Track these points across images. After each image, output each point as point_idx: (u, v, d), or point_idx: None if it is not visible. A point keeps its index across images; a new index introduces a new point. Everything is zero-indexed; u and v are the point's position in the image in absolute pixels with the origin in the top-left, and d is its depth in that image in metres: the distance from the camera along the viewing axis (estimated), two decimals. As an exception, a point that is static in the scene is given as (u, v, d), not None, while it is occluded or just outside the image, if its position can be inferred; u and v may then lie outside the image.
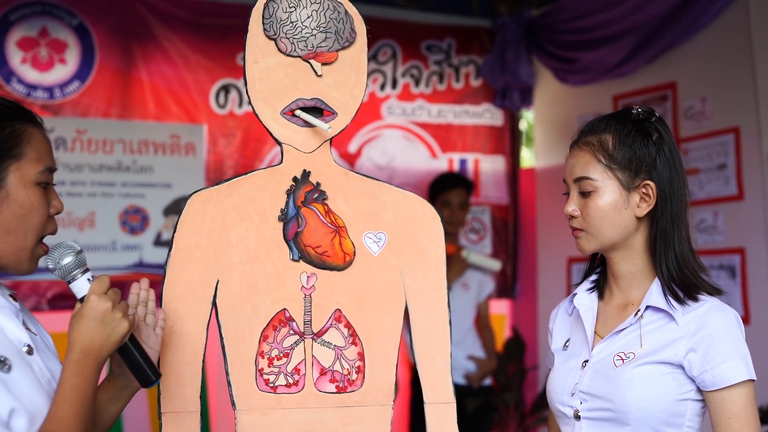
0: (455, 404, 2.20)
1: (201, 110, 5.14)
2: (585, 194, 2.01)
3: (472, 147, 5.88)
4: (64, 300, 4.62)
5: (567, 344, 2.14)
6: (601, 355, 2.01)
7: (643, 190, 1.99)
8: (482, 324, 5.14)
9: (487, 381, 5.12)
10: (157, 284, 4.89)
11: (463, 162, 5.84)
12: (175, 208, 5.05)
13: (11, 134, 1.68)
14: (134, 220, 4.99)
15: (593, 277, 2.16)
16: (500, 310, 5.87)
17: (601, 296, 2.12)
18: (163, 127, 5.05)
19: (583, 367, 2.03)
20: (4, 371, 1.61)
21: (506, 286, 5.96)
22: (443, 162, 5.77)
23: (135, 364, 1.79)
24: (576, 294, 2.15)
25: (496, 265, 5.26)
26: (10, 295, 1.79)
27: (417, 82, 5.70)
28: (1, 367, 1.61)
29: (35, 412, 1.61)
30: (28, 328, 1.76)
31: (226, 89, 5.19)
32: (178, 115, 5.09)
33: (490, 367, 5.03)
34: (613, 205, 1.99)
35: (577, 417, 2.00)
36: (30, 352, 1.70)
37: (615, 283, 2.08)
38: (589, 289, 2.14)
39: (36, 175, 1.70)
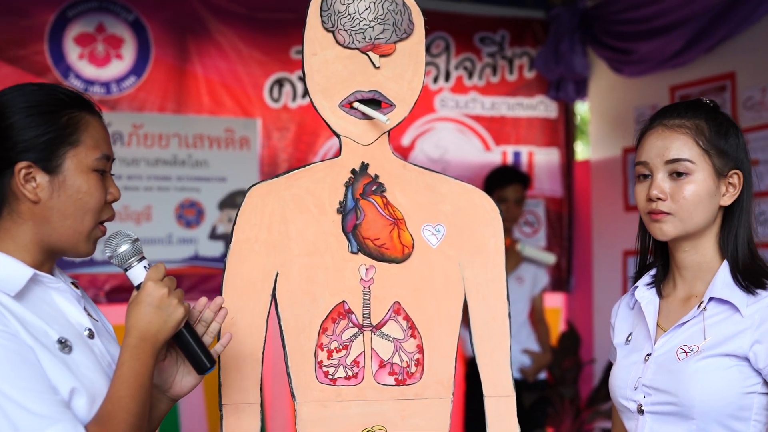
0: (515, 397, 2.19)
1: (255, 104, 5.17)
2: (677, 177, 1.97)
3: (526, 139, 5.84)
4: (122, 293, 4.67)
5: (629, 338, 2.11)
6: (663, 349, 1.98)
7: (731, 180, 1.97)
8: (537, 318, 5.11)
9: (542, 375, 5.09)
10: (211, 278, 4.96)
11: (516, 154, 5.80)
12: (230, 201, 5.09)
13: (69, 121, 1.70)
14: (190, 214, 5.03)
15: (654, 271, 2.13)
16: (555, 303, 5.83)
17: (662, 289, 2.09)
18: (217, 121, 5.08)
19: (646, 360, 2.00)
20: (65, 352, 1.64)
21: (561, 279, 5.91)
22: (497, 155, 5.74)
23: (190, 350, 1.81)
24: (637, 287, 2.12)
25: (550, 258, 5.22)
26: (72, 283, 1.82)
27: (470, 75, 5.67)
28: (62, 348, 1.64)
29: (95, 392, 1.65)
30: (89, 314, 1.79)
31: (279, 83, 5.21)
32: (232, 109, 5.12)
33: (545, 361, 4.99)
34: (707, 191, 1.95)
35: (641, 411, 1.98)
36: (91, 335, 1.74)
37: (679, 274, 2.05)
38: (649, 283, 2.12)
39: (93, 162, 1.72)
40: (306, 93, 4.72)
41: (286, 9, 5.15)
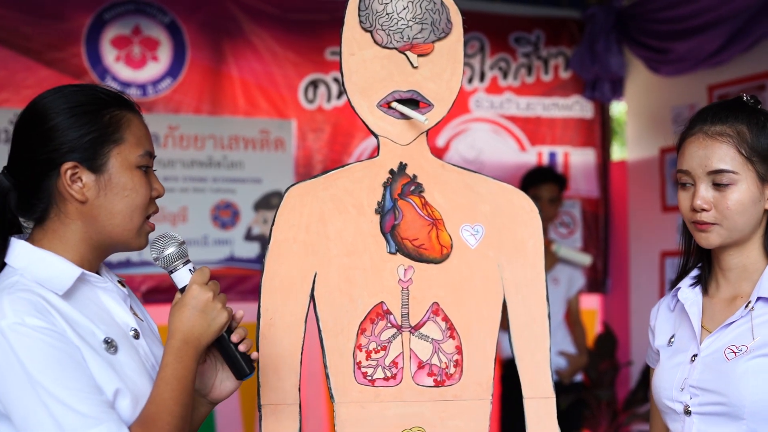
0: (555, 399, 2.17)
1: (290, 105, 5.18)
2: (719, 186, 1.94)
3: (562, 140, 5.80)
4: (158, 294, 4.69)
5: (672, 340, 2.08)
6: (710, 349, 1.95)
7: None
8: (573, 319, 5.07)
9: (578, 377, 5.06)
10: (246, 279, 4.96)
11: (552, 155, 5.77)
12: (265, 203, 5.10)
13: (111, 120, 1.71)
14: (225, 215, 5.05)
15: (695, 272, 2.10)
16: (591, 305, 5.79)
17: (705, 290, 2.06)
18: (252, 122, 5.10)
19: (692, 361, 1.98)
20: (110, 352, 1.65)
21: (597, 280, 5.87)
22: (532, 155, 5.71)
23: (230, 356, 1.81)
24: (679, 288, 2.10)
25: (586, 259, 5.18)
26: (118, 281, 1.84)
27: (505, 75, 5.65)
28: (107, 348, 1.65)
29: (139, 393, 1.66)
30: (135, 314, 1.81)
31: (314, 84, 5.21)
32: (267, 111, 5.13)
33: (581, 363, 4.96)
34: (751, 199, 1.93)
35: (688, 412, 1.95)
36: (136, 336, 1.75)
37: (722, 275, 2.03)
38: (692, 284, 2.09)
39: (136, 159, 1.73)
40: (344, 93, 4.72)
41: (320, 10, 5.16)
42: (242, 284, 5.00)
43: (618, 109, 6.38)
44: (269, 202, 5.10)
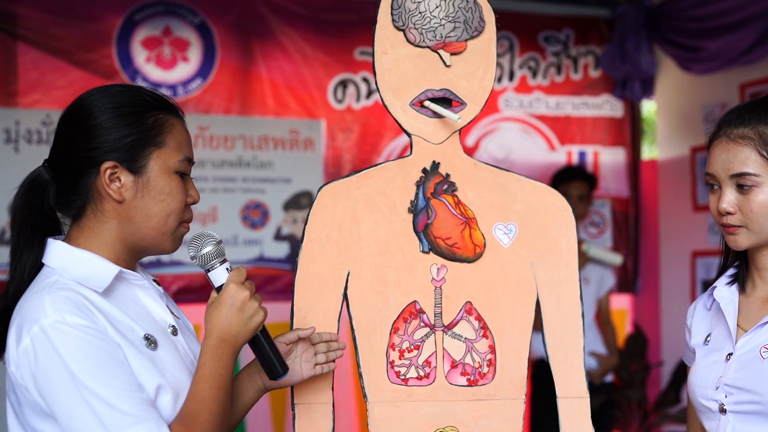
0: (589, 399, 2.16)
1: (319, 105, 5.18)
2: (743, 189, 1.93)
3: (591, 139, 5.77)
4: (188, 293, 4.71)
5: (708, 339, 2.07)
6: (746, 348, 1.94)
7: None
8: (603, 319, 5.04)
9: (609, 378, 5.03)
10: (276, 278, 4.97)
11: (582, 154, 5.74)
12: (295, 203, 5.11)
13: (154, 123, 1.72)
14: (255, 215, 5.06)
15: (732, 271, 2.09)
16: (621, 305, 5.75)
17: (742, 289, 2.05)
18: (282, 122, 5.11)
19: (727, 360, 1.96)
20: (150, 349, 1.66)
21: (627, 280, 5.83)
22: (562, 155, 5.69)
23: (264, 356, 1.81)
24: (715, 287, 2.08)
25: (617, 258, 5.15)
26: (153, 280, 1.85)
27: (534, 74, 5.63)
28: (147, 344, 1.66)
29: (180, 389, 1.67)
30: (171, 312, 1.82)
31: (343, 84, 5.21)
32: (296, 111, 5.14)
33: (611, 364, 4.93)
34: None
35: (723, 411, 1.94)
36: (174, 332, 1.77)
37: (758, 275, 2.01)
38: (728, 283, 2.07)
39: (176, 164, 1.74)
40: (376, 92, 4.68)
41: (349, 10, 5.16)
42: (272, 284, 5.01)
43: (647, 108, 6.33)
44: (299, 202, 5.11)
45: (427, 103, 2.13)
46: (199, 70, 4.97)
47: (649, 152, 6.24)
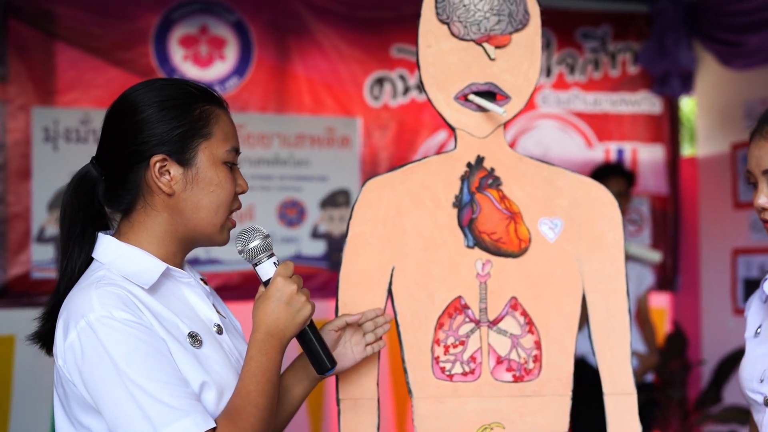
0: (636, 395, 2.14)
1: (355, 103, 5.18)
2: None
3: (630, 136, 5.72)
4: (226, 291, 4.69)
5: (758, 331, 2.04)
6: None
7: None
8: (642, 318, 4.99)
9: (649, 377, 4.98)
10: (313, 277, 4.98)
11: (620, 152, 5.69)
12: (331, 201, 5.10)
13: (201, 114, 1.71)
14: (291, 213, 5.06)
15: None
16: (660, 303, 5.70)
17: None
18: (318, 120, 5.11)
19: (773, 352, 1.93)
20: (195, 346, 1.66)
21: (666, 278, 5.78)
22: (599, 152, 5.64)
23: (312, 350, 1.80)
24: (766, 279, 2.05)
25: (656, 256, 5.10)
26: (201, 279, 1.84)
27: (572, 70, 5.59)
28: (192, 342, 1.66)
29: (224, 386, 1.66)
30: (218, 311, 1.81)
31: (380, 82, 5.20)
32: (333, 109, 5.14)
33: (652, 363, 4.88)
34: None
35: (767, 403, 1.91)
36: (219, 331, 1.75)
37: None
38: None
39: (224, 154, 1.73)
40: (412, 89, 4.66)
41: (385, 7, 5.15)
42: (309, 282, 4.99)
43: (685, 104, 6.27)
44: (335, 200, 5.11)
45: (471, 97, 2.11)
46: (235, 68, 4.98)
47: (687, 149, 6.18)
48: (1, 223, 4.57)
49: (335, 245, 5.05)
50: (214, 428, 1.57)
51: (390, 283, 2.09)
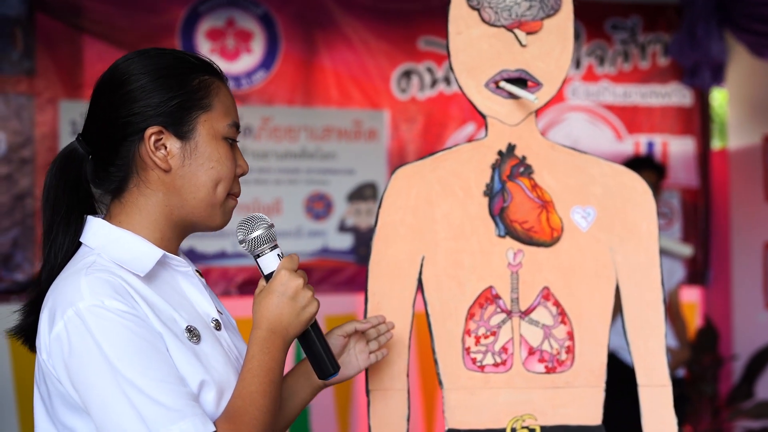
0: (671, 387, 2.10)
1: (383, 96, 5.15)
2: None
3: (660, 128, 5.66)
4: (253, 285, 4.70)
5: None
6: None
7: None
8: (673, 312, 4.94)
9: (680, 372, 4.92)
10: (340, 271, 4.96)
11: (650, 144, 5.63)
12: (359, 194, 5.08)
13: (200, 84, 1.59)
14: (318, 207, 5.04)
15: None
16: (691, 298, 5.63)
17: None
18: (345, 113, 5.09)
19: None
20: (193, 342, 1.53)
21: (697, 272, 5.71)
22: (629, 144, 5.58)
23: (314, 352, 1.66)
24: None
25: (686, 250, 5.04)
26: (196, 271, 1.70)
27: (601, 62, 5.53)
28: (190, 337, 1.53)
29: (224, 386, 1.54)
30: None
31: (407, 74, 5.17)
32: (360, 101, 5.11)
33: (683, 357, 4.82)
34: None
35: None
36: (218, 327, 1.63)
37: None
38: None
39: (224, 129, 1.61)
40: (440, 82, 4.62)
41: (413, -1, 5.13)
42: (335, 276, 4.99)
43: (716, 96, 6.19)
44: (362, 193, 5.08)
45: (502, 84, 2.07)
46: (262, 61, 4.97)
47: (717, 142, 6.10)
48: (29, 217, 4.59)
49: (362, 239, 5.03)
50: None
51: (420, 273, 2.05)
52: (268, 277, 1.61)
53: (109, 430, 1.42)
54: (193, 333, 1.54)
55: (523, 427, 2.04)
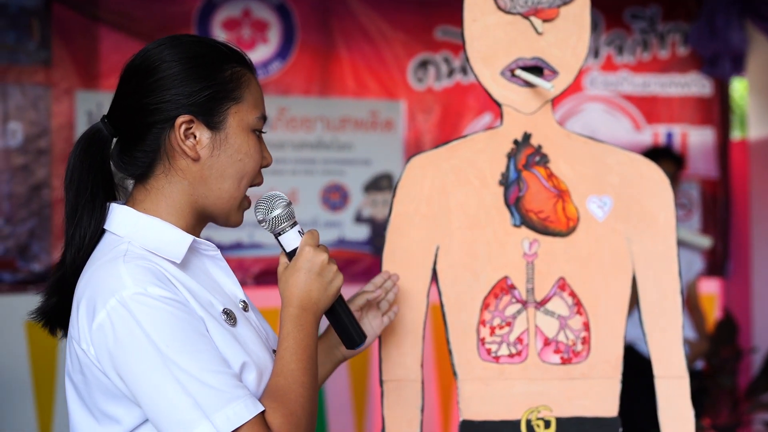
0: (689, 379, 2.07)
1: (399, 86, 5.13)
2: None
3: (679, 118, 5.61)
4: (270, 276, 4.70)
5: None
6: None
7: None
8: (692, 304, 4.91)
9: (698, 364, 4.89)
10: (356, 261, 4.95)
11: (669, 135, 5.59)
12: (375, 185, 5.06)
13: (232, 76, 1.59)
14: (335, 197, 5.03)
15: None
16: (710, 289, 5.59)
17: None
18: (362, 103, 5.07)
19: None
20: (230, 324, 1.54)
21: (716, 264, 5.67)
22: (648, 135, 5.54)
23: (341, 324, 1.71)
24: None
25: (705, 241, 5.00)
26: None
27: (620, 52, 5.49)
28: (228, 320, 1.54)
29: (262, 366, 1.55)
30: None
31: (424, 64, 5.15)
32: (376, 92, 5.09)
33: (701, 350, 4.79)
34: None
35: None
36: (246, 308, 1.64)
37: None
38: None
39: (253, 121, 1.60)
40: (456, 72, 4.58)
41: (429, -11, 5.10)
42: (352, 267, 4.97)
43: (735, 87, 6.14)
44: (379, 184, 5.07)
45: (518, 72, 2.05)
46: (278, 51, 4.95)
47: (736, 133, 6.05)
48: (46, 207, 4.60)
49: (379, 230, 5.01)
50: (263, 412, 1.46)
51: (434, 263, 2.04)
52: (291, 254, 1.62)
53: (163, 417, 1.42)
54: (229, 316, 1.55)
55: (538, 419, 2.02)
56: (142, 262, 1.48)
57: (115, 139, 1.61)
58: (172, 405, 1.41)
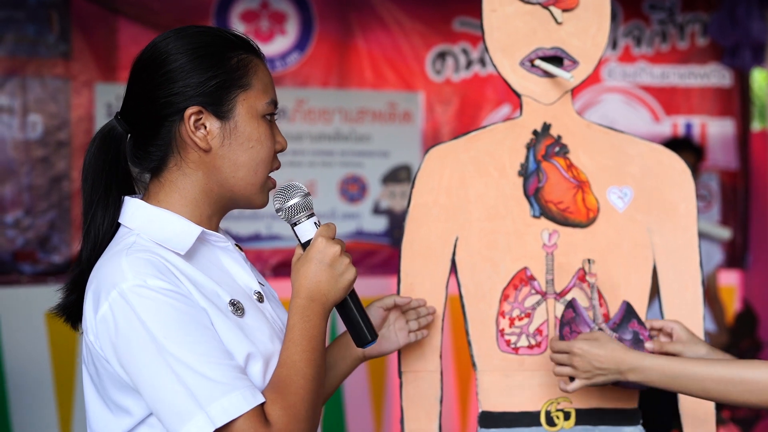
0: (710, 370, 2.06)
1: (417, 77, 5.12)
2: None
3: (698, 110, 5.57)
4: (286, 267, 4.69)
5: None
6: None
7: None
8: (710, 296, 4.88)
9: (717, 355, 4.87)
10: (374, 253, 4.94)
11: (688, 126, 5.55)
12: (393, 176, 5.06)
13: (238, 63, 1.59)
14: (353, 189, 5.03)
15: None
16: (729, 281, 5.56)
17: None
18: (380, 95, 5.06)
19: None
20: (237, 315, 1.54)
21: (736, 256, 5.63)
22: (667, 126, 5.51)
23: (352, 320, 1.66)
24: None
25: (724, 233, 4.97)
26: (236, 245, 1.71)
27: (638, 43, 5.45)
28: (234, 311, 1.54)
29: (270, 357, 1.55)
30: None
31: (442, 56, 5.14)
32: (394, 83, 5.09)
33: (721, 342, 4.76)
34: None
35: None
36: (261, 299, 1.64)
37: None
38: None
39: (263, 107, 1.60)
40: (475, 63, 4.57)
41: (448, -20, 5.08)
42: (370, 259, 4.98)
43: (756, 77, 6.09)
44: (397, 175, 5.06)
45: (537, 62, 2.04)
46: (296, 43, 4.95)
47: (756, 124, 6.01)
48: (66, 199, 4.62)
49: (397, 221, 5.01)
50: (263, 403, 1.45)
51: (453, 254, 2.03)
52: (305, 245, 1.61)
53: (160, 407, 1.44)
54: (236, 306, 1.55)
55: (558, 410, 2.02)
56: (144, 254, 1.50)
57: (129, 135, 1.62)
58: (169, 396, 1.43)
